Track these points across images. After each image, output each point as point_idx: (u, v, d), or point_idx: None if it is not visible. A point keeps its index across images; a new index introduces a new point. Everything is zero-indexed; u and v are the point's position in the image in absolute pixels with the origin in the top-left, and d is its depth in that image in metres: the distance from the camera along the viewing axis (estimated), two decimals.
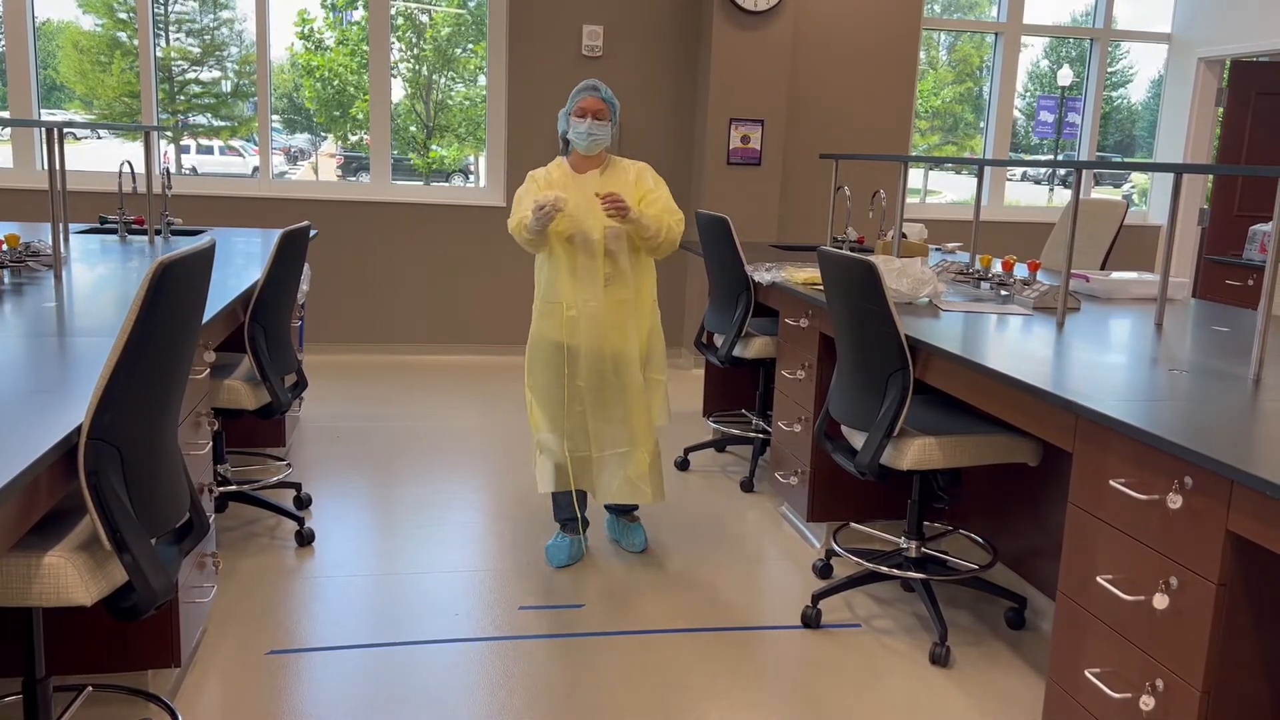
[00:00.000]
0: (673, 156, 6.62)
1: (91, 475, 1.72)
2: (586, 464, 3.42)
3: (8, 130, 6.32)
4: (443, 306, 6.60)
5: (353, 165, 7.80)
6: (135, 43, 6.34)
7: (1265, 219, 6.61)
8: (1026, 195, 12.02)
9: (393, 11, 6.50)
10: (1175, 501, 1.89)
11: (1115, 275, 3.91)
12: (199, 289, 2.01)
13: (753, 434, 4.57)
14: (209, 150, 7.56)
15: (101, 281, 3.32)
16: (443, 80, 7.44)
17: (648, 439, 3.42)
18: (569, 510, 3.52)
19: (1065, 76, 11.46)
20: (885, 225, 5.62)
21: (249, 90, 6.96)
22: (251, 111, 6.97)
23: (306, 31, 7.40)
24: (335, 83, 7.55)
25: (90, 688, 2.50)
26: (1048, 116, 11.45)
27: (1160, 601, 1.91)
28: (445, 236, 6.52)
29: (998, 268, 4.84)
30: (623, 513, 3.68)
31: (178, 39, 7.00)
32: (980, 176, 4.08)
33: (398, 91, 6.96)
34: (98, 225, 5.02)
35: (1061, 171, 10.66)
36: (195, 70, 7.11)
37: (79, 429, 1.71)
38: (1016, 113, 7.68)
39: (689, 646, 2.95)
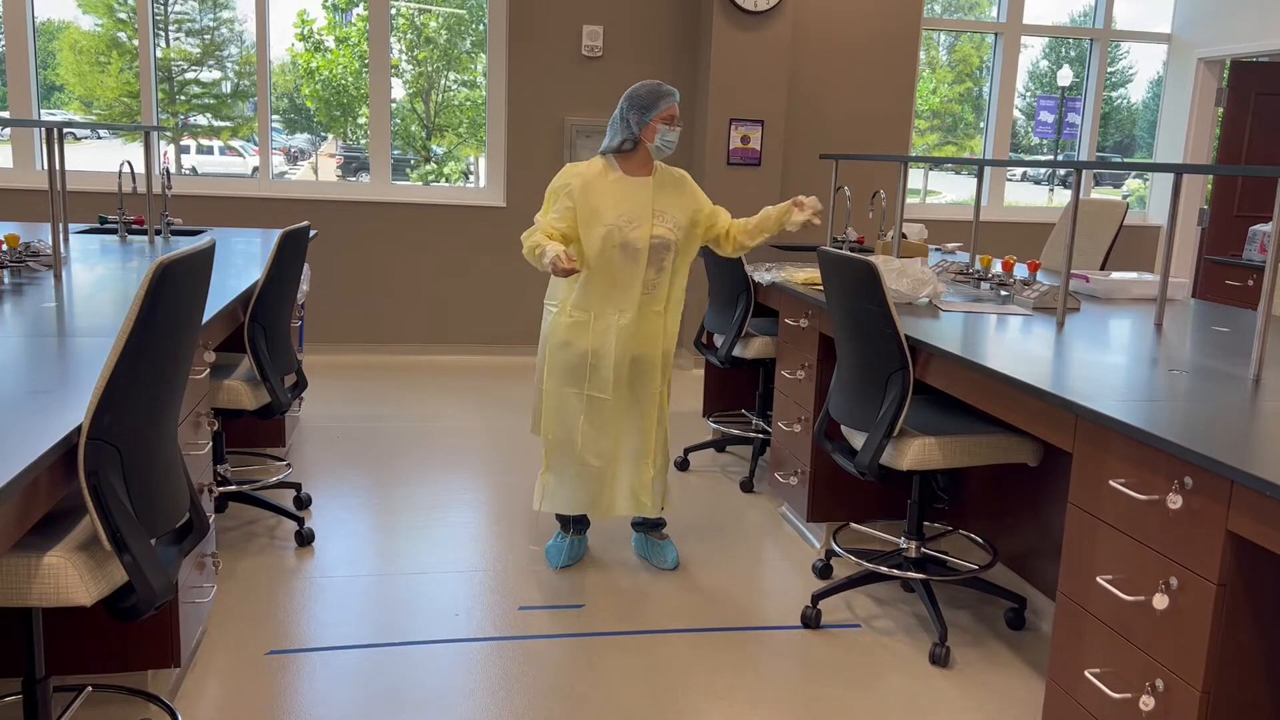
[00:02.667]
0: (673, 156, 6.61)
1: (91, 475, 1.72)
2: (597, 477, 3.35)
3: (7, 130, 6.32)
4: (443, 306, 6.60)
5: (352, 165, 7.80)
6: (135, 43, 6.34)
7: (1265, 219, 6.61)
8: (1026, 195, 12.02)
9: (393, 12, 6.50)
10: (1175, 502, 1.89)
11: (1115, 275, 3.91)
12: (199, 289, 2.01)
13: (753, 434, 4.57)
14: (209, 150, 7.56)
15: (101, 282, 3.32)
16: (444, 81, 7.45)
17: (657, 450, 3.39)
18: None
19: (1065, 76, 11.46)
20: (885, 225, 5.61)
21: (249, 90, 6.96)
22: (251, 112, 6.97)
23: (307, 33, 7.40)
24: (336, 83, 7.55)
25: (90, 688, 2.50)
26: (1048, 116, 11.45)
27: (1160, 601, 1.91)
28: (445, 236, 6.51)
29: (998, 268, 4.84)
30: (650, 529, 3.56)
31: (177, 39, 7.00)
32: (980, 177, 4.08)
33: (398, 91, 6.96)
34: (97, 225, 5.02)
35: (1061, 172, 10.66)
36: (195, 70, 7.11)
37: (79, 429, 1.71)
38: (1016, 113, 7.68)
39: (689, 646, 2.95)
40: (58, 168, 3.62)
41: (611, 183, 3.21)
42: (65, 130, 4.19)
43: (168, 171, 5.00)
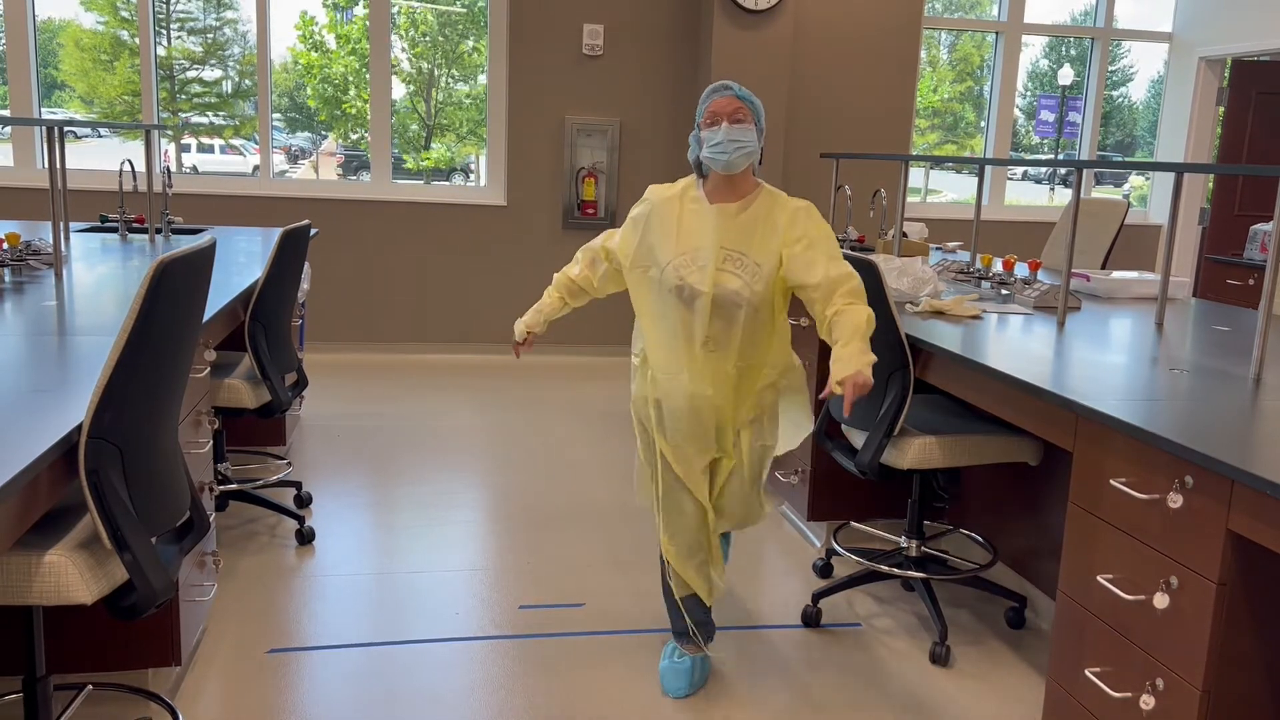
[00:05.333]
0: (673, 156, 6.62)
1: (92, 474, 1.72)
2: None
3: (8, 129, 6.32)
4: (443, 306, 6.59)
5: (353, 164, 7.81)
6: (137, 41, 6.33)
7: (1266, 218, 6.60)
8: (1027, 194, 12.02)
9: (394, 10, 6.50)
10: (1175, 501, 1.89)
11: (1116, 275, 3.91)
12: (199, 288, 2.01)
13: None
14: (210, 149, 7.57)
15: (102, 280, 3.32)
16: (444, 79, 7.45)
17: (716, 549, 2.68)
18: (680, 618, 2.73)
19: (1066, 76, 11.46)
20: (886, 224, 5.61)
21: (250, 89, 6.96)
22: (253, 111, 6.97)
23: (307, 33, 7.40)
24: (336, 81, 7.56)
25: (90, 686, 2.50)
26: (1048, 115, 11.45)
27: (1160, 601, 1.91)
28: (445, 236, 6.51)
29: (998, 267, 4.84)
30: None
31: (179, 38, 7.01)
32: (981, 176, 4.08)
33: (398, 90, 6.96)
34: (98, 224, 5.03)
35: (1062, 171, 10.65)
36: (197, 69, 7.12)
37: (79, 428, 1.71)
38: (1017, 112, 7.67)
39: None
40: (58, 166, 3.62)
41: (687, 209, 2.54)
42: (66, 129, 4.19)
43: (168, 170, 5.00)
